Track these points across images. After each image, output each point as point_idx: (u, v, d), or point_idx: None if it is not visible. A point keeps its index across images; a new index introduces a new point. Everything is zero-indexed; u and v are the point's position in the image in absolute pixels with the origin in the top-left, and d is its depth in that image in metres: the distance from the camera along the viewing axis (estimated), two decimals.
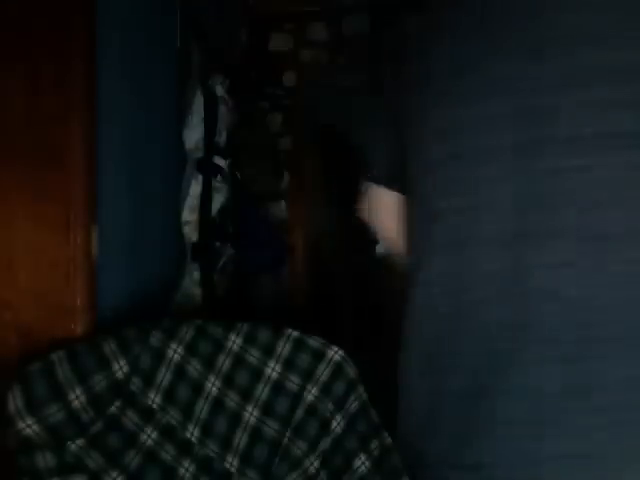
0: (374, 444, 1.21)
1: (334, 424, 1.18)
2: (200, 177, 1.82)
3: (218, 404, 1.18)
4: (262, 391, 1.19)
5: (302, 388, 1.19)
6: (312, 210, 3.29)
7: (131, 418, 1.16)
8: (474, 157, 0.96)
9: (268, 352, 1.20)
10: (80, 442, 1.12)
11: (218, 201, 1.90)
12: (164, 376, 1.17)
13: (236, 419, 1.18)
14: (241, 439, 1.18)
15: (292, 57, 3.06)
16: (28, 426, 1.09)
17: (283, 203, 3.07)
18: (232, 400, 1.18)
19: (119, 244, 1.40)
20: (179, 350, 1.18)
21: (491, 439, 0.95)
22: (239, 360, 1.19)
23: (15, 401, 1.09)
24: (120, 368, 1.15)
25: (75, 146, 1.22)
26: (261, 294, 2.82)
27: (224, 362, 1.19)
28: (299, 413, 1.18)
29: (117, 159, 1.38)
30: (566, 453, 0.90)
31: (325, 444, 1.18)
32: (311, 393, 1.18)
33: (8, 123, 1.22)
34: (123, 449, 1.14)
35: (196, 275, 1.83)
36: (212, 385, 1.18)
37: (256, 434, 1.18)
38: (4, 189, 1.22)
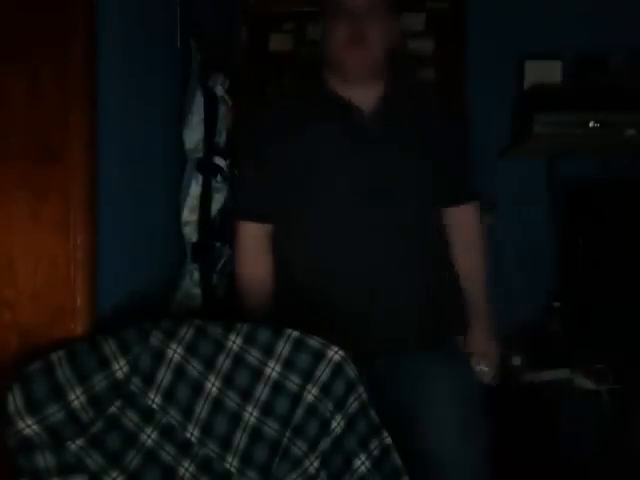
0: (374, 444, 1.21)
1: (334, 424, 1.18)
2: (200, 177, 1.81)
3: (218, 404, 1.18)
4: (262, 391, 1.19)
5: (302, 388, 1.18)
6: None
7: (131, 418, 1.16)
8: None
9: (268, 352, 1.19)
10: (80, 442, 1.12)
11: (218, 201, 1.90)
12: (164, 376, 1.17)
13: (236, 419, 1.18)
14: (241, 439, 1.18)
15: (292, 57, 3.05)
16: (28, 426, 1.09)
17: None
18: (232, 400, 1.18)
19: (119, 244, 1.40)
20: (179, 350, 1.18)
21: None
22: (239, 360, 1.19)
23: (15, 401, 1.09)
24: (120, 368, 1.15)
25: (75, 146, 1.22)
26: None
27: (224, 362, 1.19)
28: (299, 413, 1.18)
29: (117, 159, 1.38)
30: None
31: (325, 444, 1.18)
32: (311, 393, 1.18)
33: (8, 123, 1.22)
34: (123, 449, 1.14)
35: (196, 275, 1.83)
36: (212, 385, 1.18)
37: (256, 434, 1.18)
38: (4, 189, 1.22)
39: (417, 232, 1.56)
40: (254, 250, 1.60)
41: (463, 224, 1.68)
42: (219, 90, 1.93)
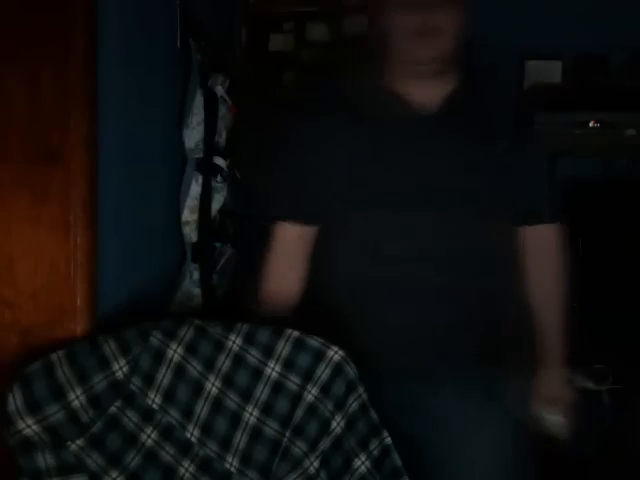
0: (374, 444, 1.21)
1: (334, 424, 1.18)
2: (200, 177, 1.82)
3: (218, 404, 1.18)
4: (262, 391, 1.19)
5: (302, 388, 1.18)
6: None
7: (131, 418, 1.16)
8: None
9: (268, 352, 1.20)
10: (80, 442, 1.12)
11: (218, 201, 1.90)
12: (164, 376, 1.17)
13: (236, 419, 1.18)
14: (241, 439, 1.18)
15: (292, 57, 3.05)
16: (28, 426, 1.09)
17: None
18: (232, 400, 1.18)
19: (119, 244, 1.40)
20: (179, 350, 1.18)
21: None
22: (239, 360, 1.19)
23: (15, 401, 1.09)
24: (120, 368, 1.15)
25: (75, 146, 1.22)
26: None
27: (224, 362, 1.19)
28: (299, 413, 1.18)
29: (117, 159, 1.38)
30: None
31: (325, 444, 1.18)
32: (311, 393, 1.18)
33: (8, 123, 1.22)
34: (123, 449, 1.14)
35: (196, 275, 1.83)
36: (212, 385, 1.18)
37: (256, 434, 1.18)
38: (4, 189, 1.22)
39: (473, 252, 1.35)
40: (293, 257, 1.43)
41: (539, 249, 1.45)
42: (219, 90, 1.93)
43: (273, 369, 1.19)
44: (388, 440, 1.22)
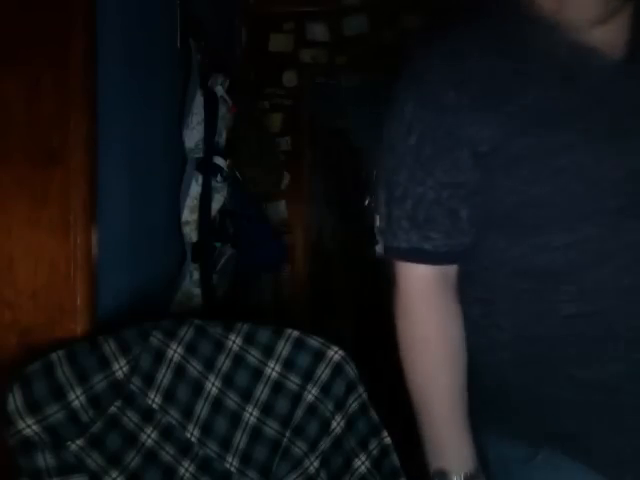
0: (374, 444, 1.21)
1: (334, 424, 1.18)
2: (200, 177, 1.82)
3: (218, 404, 1.18)
4: (262, 391, 1.19)
5: (302, 388, 1.19)
6: (312, 210, 3.29)
7: (131, 418, 1.16)
8: None
9: (268, 352, 1.20)
10: (80, 442, 1.12)
11: (218, 201, 1.91)
12: (164, 376, 1.17)
13: (236, 419, 1.18)
14: (241, 439, 1.18)
15: (292, 57, 3.06)
16: (28, 426, 1.09)
17: (283, 203, 3.07)
18: (232, 400, 1.18)
19: (119, 244, 1.40)
20: (179, 350, 1.18)
21: None
22: (239, 360, 1.19)
23: (15, 401, 1.09)
24: (120, 368, 1.15)
25: (75, 146, 1.22)
26: (261, 294, 2.82)
27: (224, 362, 1.19)
28: (299, 413, 1.18)
29: (117, 159, 1.38)
30: None
31: (325, 444, 1.18)
32: (311, 393, 1.18)
33: (8, 124, 1.22)
34: (123, 449, 1.14)
35: (196, 275, 1.84)
36: (212, 385, 1.18)
37: (256, 434, 1.18)
38: (4, 189, 1.23)
39: None
40: (438, 312, 0.97)
41: None
42: (219, 90, 1.94)
43: (273, 369, 1.19)
44: (387, 440, 1.22)
